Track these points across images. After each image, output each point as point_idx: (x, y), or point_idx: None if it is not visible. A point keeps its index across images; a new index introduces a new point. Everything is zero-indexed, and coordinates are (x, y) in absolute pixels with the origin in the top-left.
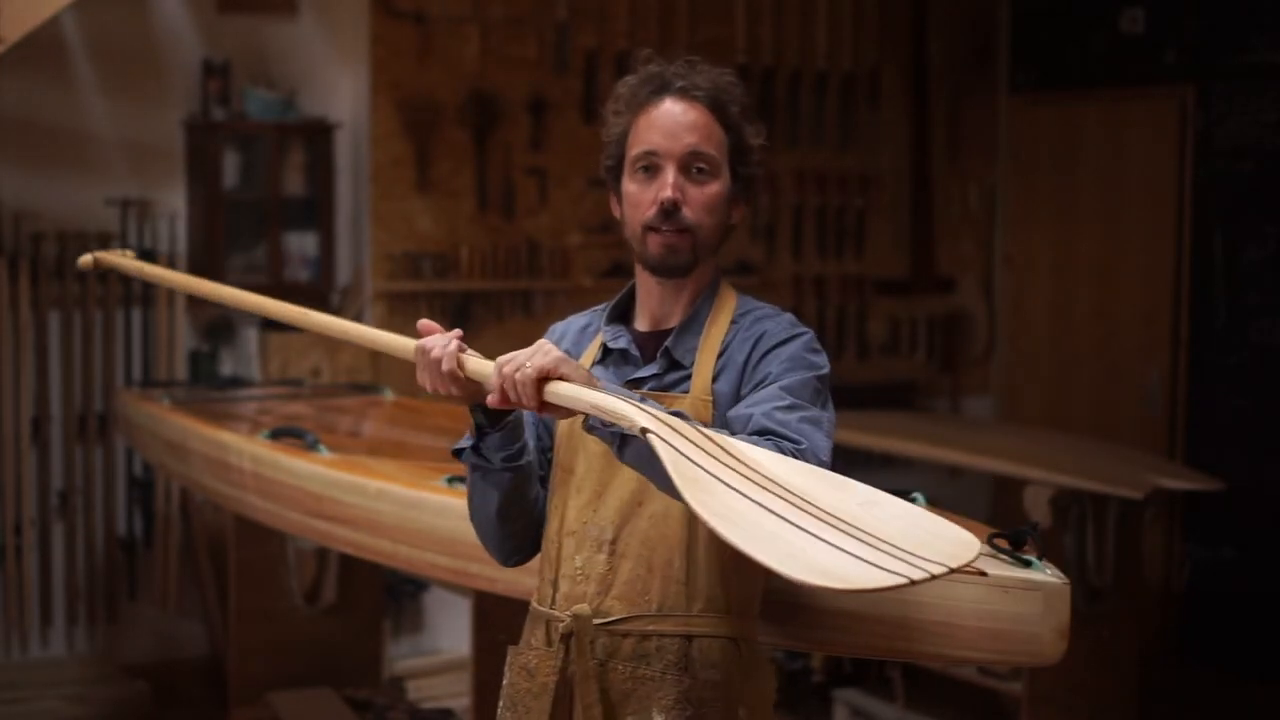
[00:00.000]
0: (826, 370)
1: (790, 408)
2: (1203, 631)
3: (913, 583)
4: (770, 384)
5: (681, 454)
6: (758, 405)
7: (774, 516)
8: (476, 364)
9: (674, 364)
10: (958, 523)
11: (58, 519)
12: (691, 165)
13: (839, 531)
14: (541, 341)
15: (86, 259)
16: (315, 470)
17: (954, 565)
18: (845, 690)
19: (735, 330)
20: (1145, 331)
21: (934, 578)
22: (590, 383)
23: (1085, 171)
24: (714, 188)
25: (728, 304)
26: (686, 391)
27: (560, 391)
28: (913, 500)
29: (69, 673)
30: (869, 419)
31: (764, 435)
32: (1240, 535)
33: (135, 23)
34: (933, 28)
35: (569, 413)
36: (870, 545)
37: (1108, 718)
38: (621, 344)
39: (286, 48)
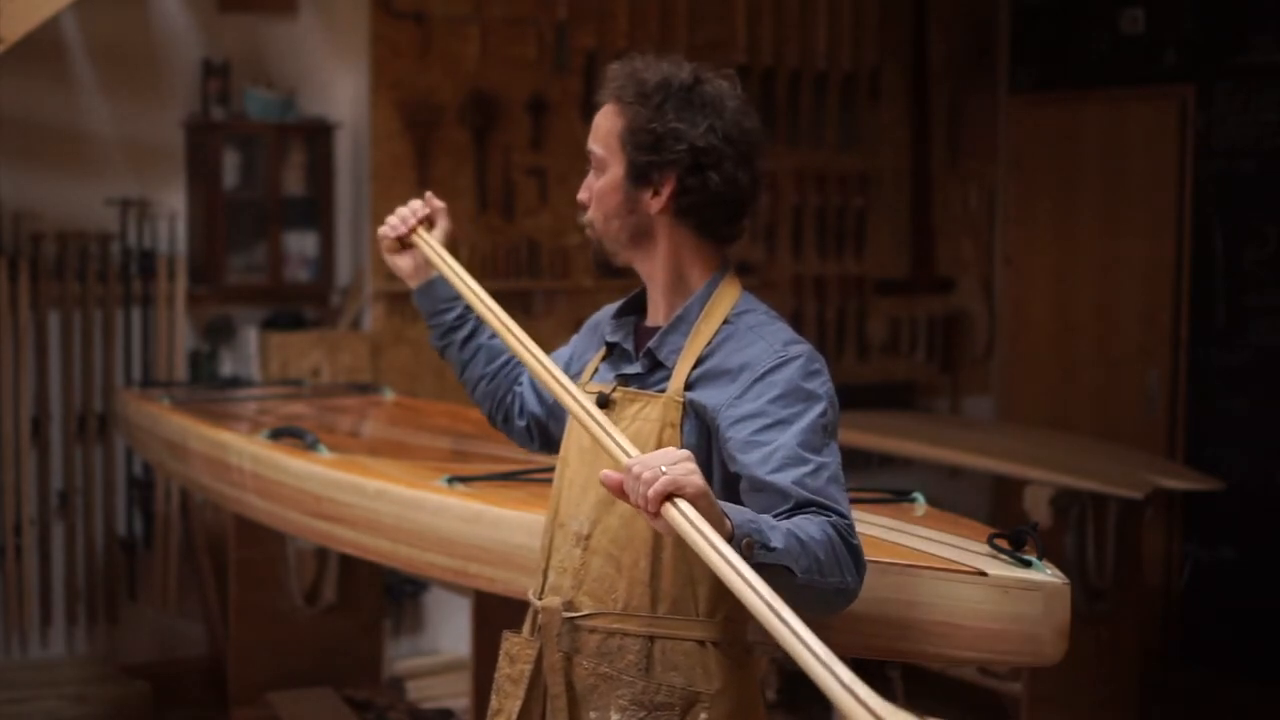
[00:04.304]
0: (826, 403)
1: (816, 471)
2: (1203, 631)
3: None
4: (772, 426)
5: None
6: (784, 472)
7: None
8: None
9: (657, 363)
10: (958, 523)
11: (58, 519)
12: (590, 166)
13: None
14: (685, 453)
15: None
16: (315, 470)
17: None
18: None
19: (727, 332)
20: (1145, 332)
21: None
22: (716, 518)
23: (1085, 172)
24: (601, 181)
25: (723, 304)
26: (663, 391)
27: (676, 515)
28: (912, 500)
29: (69, 673)
30: (869, 419)
31: (808, 508)
32: (1240, 535)
33: (135, 23)
34: (933, 28)
35: (670, 529)
36: None
37: (1108, 718)
38: (617, 338)
39: (286, 48)
